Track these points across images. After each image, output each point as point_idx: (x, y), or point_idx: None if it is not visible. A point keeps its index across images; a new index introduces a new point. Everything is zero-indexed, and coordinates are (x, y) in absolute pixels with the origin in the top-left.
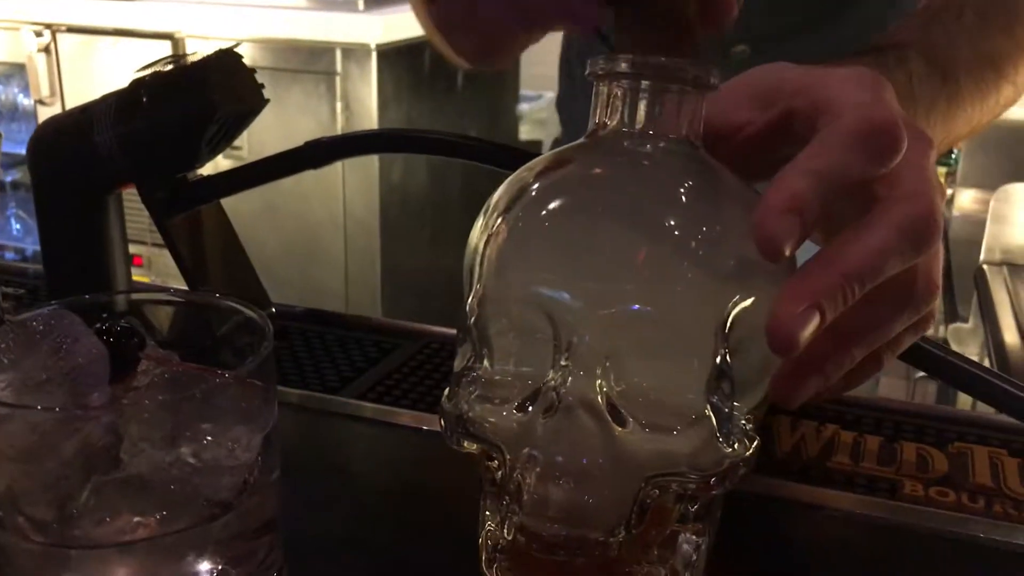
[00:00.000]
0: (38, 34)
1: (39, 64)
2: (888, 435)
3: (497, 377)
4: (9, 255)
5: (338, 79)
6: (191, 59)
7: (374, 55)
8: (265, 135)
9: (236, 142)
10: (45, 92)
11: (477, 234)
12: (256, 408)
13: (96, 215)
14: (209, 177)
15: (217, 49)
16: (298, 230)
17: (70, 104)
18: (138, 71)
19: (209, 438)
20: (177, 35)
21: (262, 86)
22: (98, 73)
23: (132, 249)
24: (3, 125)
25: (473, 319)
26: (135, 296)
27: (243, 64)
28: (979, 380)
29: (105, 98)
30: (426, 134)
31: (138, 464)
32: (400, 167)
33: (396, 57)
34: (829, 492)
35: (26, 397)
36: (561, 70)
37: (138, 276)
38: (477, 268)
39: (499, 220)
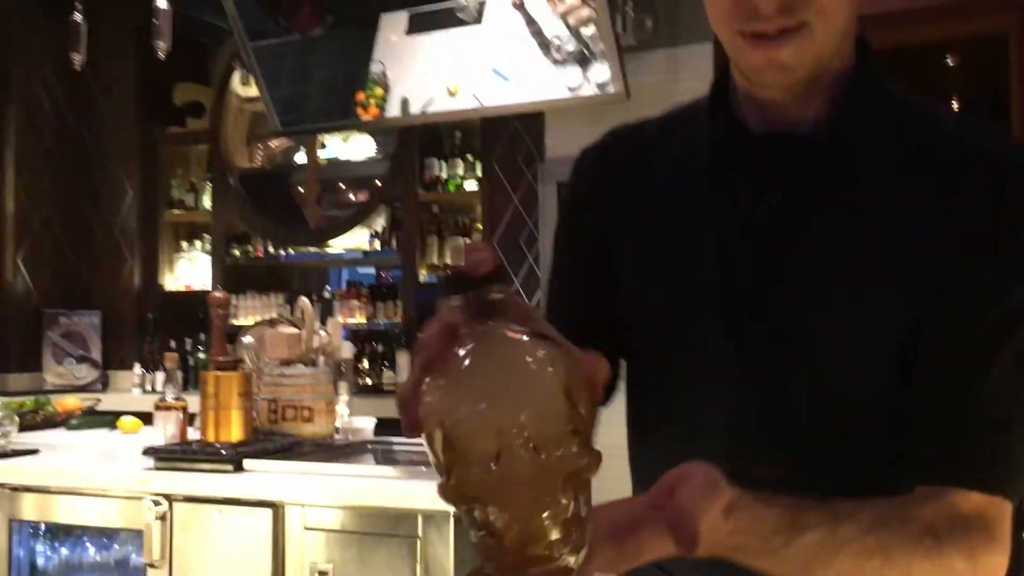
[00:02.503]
0: (156, 503)
1: (155, 531)
2: None
3: None
4: None
5: (419, 542)
6: None
7: (451, 520)
8: None
9: None
10: (156, 556)
11: None
12: None
13: None
14: None
15: None
16: None
17: (177, 567)
18: None
19: None
20: (277, 502)
21: None
22: (206, 539)
23: None
24: None
25: None
26: None
27: None
28: None
29: None
30: None
31: None
32: None
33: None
34: None
35: None
36: None
37: None
38: None
39: None
